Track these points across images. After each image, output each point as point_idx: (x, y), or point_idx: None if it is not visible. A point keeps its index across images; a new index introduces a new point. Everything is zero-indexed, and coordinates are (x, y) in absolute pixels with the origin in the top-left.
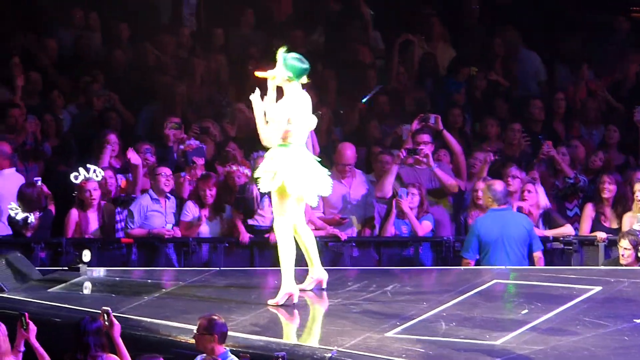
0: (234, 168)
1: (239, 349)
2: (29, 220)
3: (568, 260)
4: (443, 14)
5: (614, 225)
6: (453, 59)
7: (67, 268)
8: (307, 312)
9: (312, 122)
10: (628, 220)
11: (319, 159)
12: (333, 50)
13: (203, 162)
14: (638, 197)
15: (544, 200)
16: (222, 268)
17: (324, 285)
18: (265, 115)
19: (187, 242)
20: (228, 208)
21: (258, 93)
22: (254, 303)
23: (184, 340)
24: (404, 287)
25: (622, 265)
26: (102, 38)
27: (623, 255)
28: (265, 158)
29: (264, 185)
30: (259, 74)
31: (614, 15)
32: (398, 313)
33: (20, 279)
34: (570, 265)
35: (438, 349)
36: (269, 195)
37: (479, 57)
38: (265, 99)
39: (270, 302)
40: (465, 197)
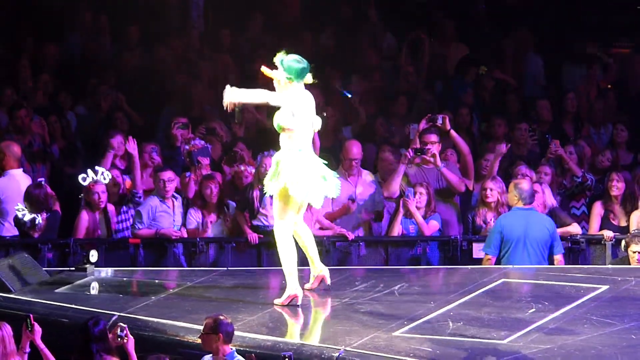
0: (242, 168)
1: (247, 349)
2: (37, 222)
3: (575, 259)
4: (454, 14)
5: (623, 223)
6: (462, 59)
7: (74, 268)
8: (314, 311)
9: (316, 123)
10: (636, 219)
11: (326, 162)
12: (342, 52)
13: (208, 162)
14: None
15: (551, 200)
16: (229, 268)
17: (328, 281)
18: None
19: (194, 242)
20: (232, 206)
21: (228, 88)
22: (262, 303)
23: (192, 340)
24: (412, 286)
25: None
26: (111, 40)
27: (635, 259)
28: (272, 162)
29: (270, 189)
30: (265, 70)
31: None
32: (405, 312)
33: (27, 280)
34: (578, 264)
35: (445, 349)
36: (271, 196)
37: (489, 57)
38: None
39: (276, 301)
40: (473, 196)
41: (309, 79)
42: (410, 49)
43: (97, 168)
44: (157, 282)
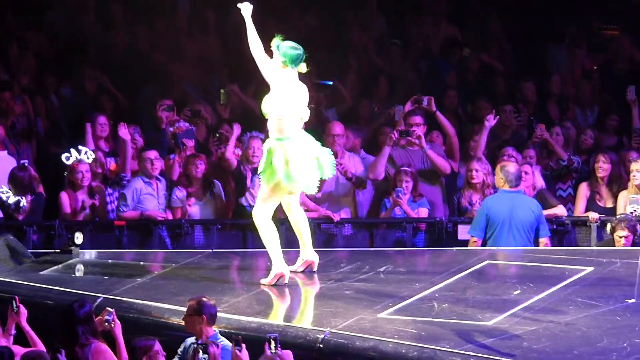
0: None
1: (232, 331)
2: (21, 204)
3: (561, 241)
4: None
5: (609, 205)
6: (447, 40)
7: (59, 250)
8: (299, 293)
9: (305, 114)
10: (622, 200)
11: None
12: (328, 32)
13: (193, 144)
14: (635, 177)
15: (540, 181)
16: (214, 250)
17: (315, 268)
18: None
19: (179, 224)
20: (218, 186)
21: (247, 6)
22: (247, 285)
23: (177, 322)
24: (397, 268)
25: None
26: (96, 20)
27: (621, 243)
28: (264, 150)
29: (263, 179)
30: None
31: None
32: (391, 294)
33: (14, 261)
34: (563, 246)
35: (431, 330)
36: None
37: (475, 38)
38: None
39: (263, 281)
40: (459, 178)
41: (303, 68)
42: (396, 30)
43: (80, 147)
44: (142, 264)
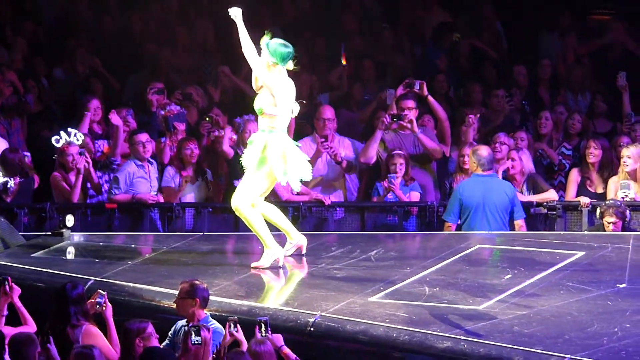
0: (222, 133)
1: (223, 314)
2: (9, 185)
3: (552, 226)
4: None
5: (599, 190)
6: (439, 25)
7: (50, 233)
8: (290, 277)
9: (295, 109)
10: (613, 186)
11: (298, 145)
12: (320, 17)
13: (184, 127)
14: (625, 162)
15: (529, 166)
16: (205, 233)
17: (304, 251)
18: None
19: (171, 207)
20: (209, 173)
21: (237, 10)
22: (238, 268)
23: (168, 305)
24: (388, 252)
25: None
26: (89, 4)
27: (610, 229)
28: (256, 143)
29: (252, 169)
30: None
31: None
32: (382, 278)
33: (3, 244)
34: (554, 231)
35: (421, 314)
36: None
37: (466, 23)
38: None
39: (255, 264)
40: (450, 162)
41: (291, 66)
42: (389, 15)
43: (69, 129)
44: (133, 247)
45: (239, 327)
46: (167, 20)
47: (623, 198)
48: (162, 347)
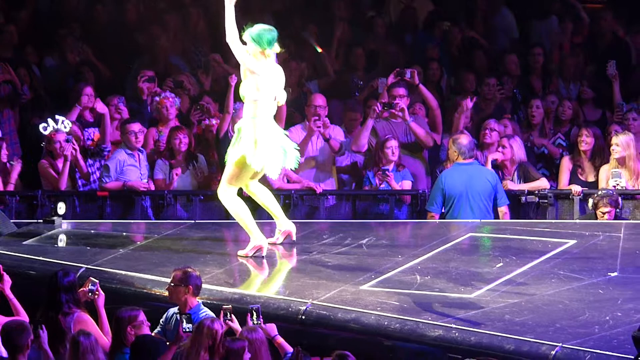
0: (213, 122)
1: (214, 302)
2: None
3: (543, 214)
4: None
5: (591, 179)
6: (430, 13)
7: (41, 220)
8: (281, 265)
9: (281, 97)
10: (604, 175)
11: (286, 133)
12: (311, 5)
13: (176, 113)
14: (614, 150)
15: (520, 154)
16: (197, 221)
17: (294, 238)
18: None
19: (162, 195)
20: (201, 159)
21: None
22: (229, 256)
23: (159, 293)
24: (380, 240)
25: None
26: None
27: (604, 219)
28: (235, 129)
29: (229, 156)
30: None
31: None
32: (373, 266)
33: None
34: (546, 219)
35: (413, 303)
36: None
37: (457, 11)
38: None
39: (240, 253)
40: (441, 150)
41: (277, 48)
42: (378, 3)
43: (57, 117)
44: (124, 234)
45: (234, 316)
46: (157, 7)
47: (614, 187)
48: (153, 334)
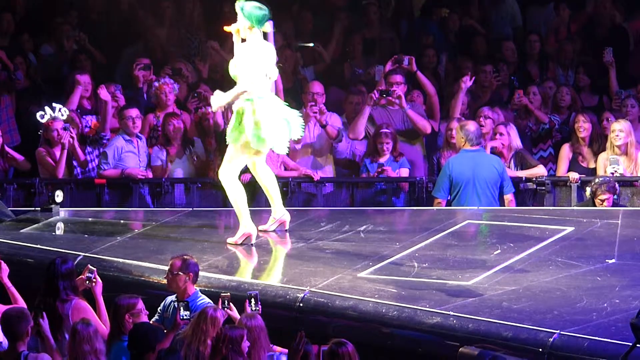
0: (209, 110)
1: (212, 289)
2: None
3: (541, 201)
4: None
5: (592, 165)
6: (427, 1)
7: (39, 208)
8: (279, 252)
9: (273, 73)
10: (602, 162)
11: (287, 103)
12: None
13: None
14: (618, 137)
15: (516, 141)
16: (195, 208)
17: (287, 227)
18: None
19: (160, 182)
20: (197, 144)
21: (217, 94)
22: (227, 243)
23: (157, 281)
24: (377, 227)
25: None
26: None
27: (603, 206)
28: (234, 111)
29: (231, 139)
30: (227, 29)
31: None
32: (371, 253)
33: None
34: (543, 206)
35: (410, 290)
36: None
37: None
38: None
39: (230, 240)
40: (439, 137)
41: (268, 28)
42: None
43: (54, 105)
44: (122, 222)
45: (232, 304)
46: None
47: (612, 174)
48: (151, 322)
